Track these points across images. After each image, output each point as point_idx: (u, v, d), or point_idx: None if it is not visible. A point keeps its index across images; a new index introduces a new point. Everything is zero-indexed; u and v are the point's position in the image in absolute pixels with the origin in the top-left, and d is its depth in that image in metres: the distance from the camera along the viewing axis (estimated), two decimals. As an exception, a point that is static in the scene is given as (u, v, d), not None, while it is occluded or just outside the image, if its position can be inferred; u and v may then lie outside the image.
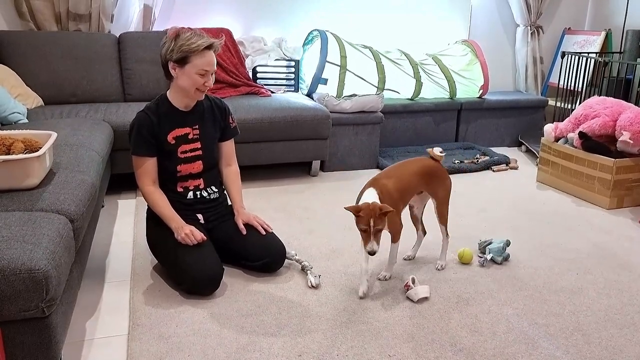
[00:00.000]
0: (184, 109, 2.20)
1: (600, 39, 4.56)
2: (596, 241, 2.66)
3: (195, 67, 2.06)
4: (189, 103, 2.20)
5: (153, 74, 3.59)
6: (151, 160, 2.15)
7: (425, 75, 4.18)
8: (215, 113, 2.29)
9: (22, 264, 1.36)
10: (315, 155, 3.52)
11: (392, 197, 2.05)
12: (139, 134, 2.13)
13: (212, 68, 2.10)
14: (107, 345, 1.78)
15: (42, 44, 3.38)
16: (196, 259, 2.03)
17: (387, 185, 2.06)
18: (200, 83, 2.09)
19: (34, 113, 3.07)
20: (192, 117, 2.22)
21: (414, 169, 2.17)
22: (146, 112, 2.16)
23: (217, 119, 2.29)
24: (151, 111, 2.16)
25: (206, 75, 2.09)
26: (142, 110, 2.17)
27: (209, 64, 2.08)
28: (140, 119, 2.15)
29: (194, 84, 2.09)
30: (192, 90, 2.11)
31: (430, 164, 2.23)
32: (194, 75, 2.07)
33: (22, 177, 1.78)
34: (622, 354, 1.77)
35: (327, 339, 1.81)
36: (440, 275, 2.27)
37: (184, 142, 2.19)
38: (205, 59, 2.06)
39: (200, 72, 2.07)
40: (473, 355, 1.74)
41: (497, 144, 4.50)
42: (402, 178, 2.12)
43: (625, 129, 3.04)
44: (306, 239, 2.60)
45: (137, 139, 2.13)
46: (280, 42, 4.01)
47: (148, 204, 2.19)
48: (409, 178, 2.14)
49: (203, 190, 2.26)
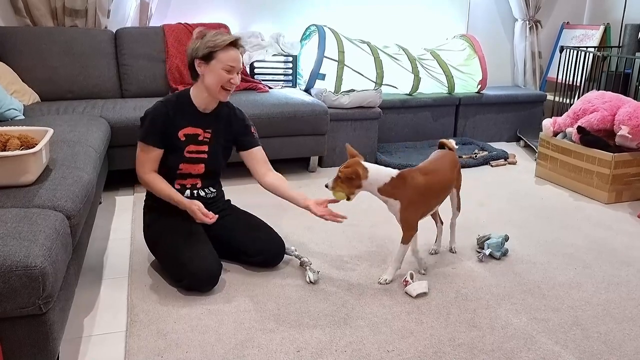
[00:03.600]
0: (203, 110, 2.18)
1: (599, 33, 4.55)
2: (595, 236, 2.66)
3: (220, 62, 2.05)
4: (210, 105, 2.18)
5: (150, 69, 3.58)
6: (157, 151, 2.13)
7: (423, 70, 4.17)
8: (232, 122, 2.27)
9: (19, 260, 1.35)
10: (313, 151, 3.51)
11: (417, 191, 2.02)
12: (153, 124, 2.11)
13: (237, 65, 2.08)
14: (105, 342, 1.78)
15: (39, 40, 3.36)
16: (194, 256, 2.03)
17: (416, 179, 2.03)
18: (226, 79, 2.07)
19: (31, 109, 3.05)
20: (208, 119, 2.20)
21: (448, 164, 2.18)
22: (164, 104, 2.14)
23: (232, 128, 2.27)
24: (170, 104, 2.14)
25: (232, 71, 2.08)
26: (161, 100, 2.15)
27: (235, 60, 2.07)
28: (157, 109, 2.12)
29: (220, 81, 2.07)
30: (218, 89, 2.09)
31: (454, 156, 2.26)
32: (219, 71, 2.06)
33: (18, 173, 1.77)
34: (621, 349, 1.77)
35: (325, 335, 1.80)
36: (439, 270, 2.27)
37: (193, 142, 2.17)
38: (230, 55, 2.06)
39: (226, 68, 2.06)
40: (472, 350, 1.74)
41: (495, 139, 4.50)
42: (439, 174, 2.12)
43: (624, 124, 3.03)
44: (304, 234, 2.60)
45: (150, 127, 2.11)
46: (277, 37, 3.99)
47: (151, 190, 2.15)
48: (446, 174, 2.15)
49: (200, 189, 2.25)
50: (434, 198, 2.11)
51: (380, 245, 2.48)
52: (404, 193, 2.01)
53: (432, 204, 2.13)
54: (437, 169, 2.13)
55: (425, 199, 2.07)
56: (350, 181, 1.99)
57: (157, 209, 2.20)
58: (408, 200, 2.02)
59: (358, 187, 2.01)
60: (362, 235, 2.59)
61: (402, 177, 2.02)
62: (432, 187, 2.07)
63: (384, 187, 2.01)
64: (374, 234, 2.61)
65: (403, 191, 2.01)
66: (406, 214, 2.04)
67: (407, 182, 2.02)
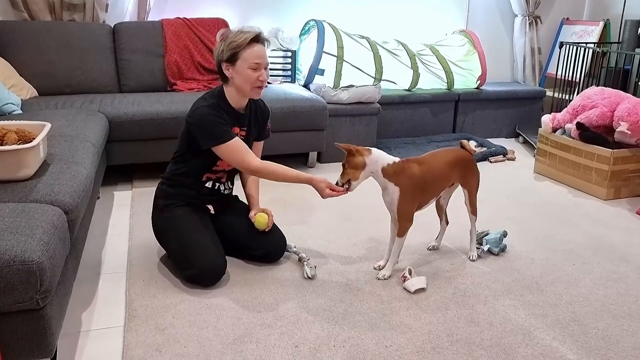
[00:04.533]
0: (239, 109, 2.17)
1: (598, 29, 4.54)
2: (593, 232, 2.66)
3: (245, 61, 2.03)
4: (243, 103, 2.17)
5: (149, 64, 3.57)
6: (239, 140, 2.09)
7: (422, 66, 4.16)
8: (258, 116, 2.28)
9: (16, 255, 1.35)
10: (312, 146, 3.50)
11: (413, 181, 2.04)
12: (219, 122, 2.04)
13: (263, 60, 2.06)
14: (103, 336, 1.77)
15: (36, 34, 3.35)
16: (204, 248, 2.05)
17: (412, 168, 2.05)
18: (254, 78, 2.05)
19: (28, 104, 3.04)
20: (244, 118, 2.20)
21: (447, 159, 2.17)
22: (211, 106, 2.07)
23: (259, 122, 2.28)
24: (214, 107, 2.08)
25: (258, 68, 2.05)
26: (204, 105, 2.07)
27: (259, 57, 2.04)
28: (210, 110, 2.05)
29: (249, 80, 2.05)
30: (249, 88, 2.07)
31: (463, 155, 2.23)
32: (246, 71, 2.03)
33: (15, 168, 1.76)
34: (619, 344, 1.77)
35: (323, 330, 1.80)
36: (437, 266, 2.27)
37: None
38: (253, 52, 2.03)
39: (252, 66, 2.03)
40: (470, 345, 1.74)
41: (494, 135, 4.49)
42: (433, 166, 2.11)
43: (623, 120, 3.03)
44: (303, 230, 2.59)
45: (220, 126, 2.04)
46: (276, 32, 3.97)
47: (269, 176, 2.09)
48: (441, 167, 2.14)
49: (222, 183, 2.26)
50: (428, 190, 2.11)
51: (378, 241, 2.48)
52: (403, 181, 2.03)
53: (427, 197, 2.12)
54: (431, 162, 2.13)
55: (420, 190, 2.07)
56: (351, 160, 2.00)
57: (174, 196, 2.20)
58: (406, 189, 2.03)
59: (363, 167, 2.01)
60: (361, 231, 2.59)
61: (401, 164, 2.05)
62: (426, 178, 2.07)
63: (388, 167, 2.02)
64: (372, 229, 2.61)
65: (402, 179, 2.03)
66: (403, 204, 2.04)
67: (404, 170, 2.04)
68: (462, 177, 2.23)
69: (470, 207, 2.29)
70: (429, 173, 2.09)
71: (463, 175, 2.22)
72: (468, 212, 2.31)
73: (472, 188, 2.27)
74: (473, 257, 2.32)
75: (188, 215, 2.16)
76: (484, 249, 2.37)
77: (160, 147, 3.12)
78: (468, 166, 2.23)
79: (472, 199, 2.28)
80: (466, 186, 2.26)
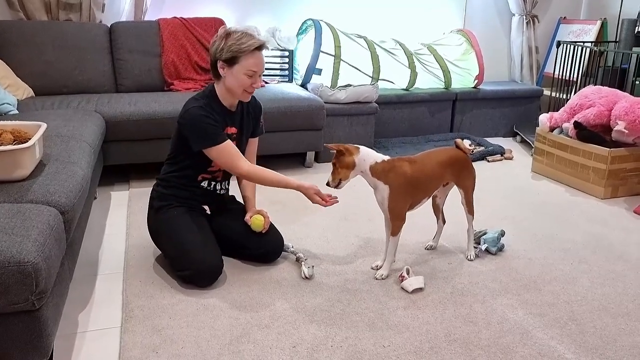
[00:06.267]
0: (230, 108, 2.16)
1: (595, 28, 4.54)
2: (591, 231, 2.66)
3: (243, 67, 2.02)
4: (234, 101, 2.16)
5: (145, 64, 3.56)
6: (230, 143, 2.09)
7: (420, 65, 4.15)
8: (250, 113, 2.27)
9: (11, 256, 1.34)
10: (309, 146, 3.50)
11: (403, 179, 2.03)
12: (209, 124, 2.03)
13: (260, 69, 2.06)
14: (99, 337, 1.77)
15: (33, 34, 3.33)
16: (201, 249, 2.05)
17: (403, 167, 2.05)
18: (248, 84, 2.05)
19: (25, 104, 3.03)
20: (236, 117, 2.19)
21: (440, 159, 2.16)
22: (202, 107, 2.06)
23: (251, 119, 2.27)
24: (205, 108, 2.07)
25: (254, 76, 2.05)
26: (195, 105, 2.06)
27: (257, 65, 2.04)
28: (201, 111, 2.04)
29: (242, 85, 2.05)
30: (240, 92, 2.08)
31: (457, 154, 2.22)
32: (241, 76, 2.03)
33: (11, 168, 1.76)
34: (616, 343, 1.77)
35: (321, 330, 1.80)
36: (435, 266, 2.27)
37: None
38: (254, 60, 2.02)
39: (248, 73, 2.03)
40: (467, 345, 1.74)
41: (492, 134, 4.49)
42: (425, 165, 2.11)
43: (621, 119, 3.03)
44: (300, 230, 2.59)
45: (212, 129, 2.04)
46: (274, 31, 3.97)
47: (258, 180, 2.11)
48: (434, 167, 2.13)
49: (218, 182, 2.25)
50: (419, 189, 2.10)
51: (376, 241, 2.48)
52: (393, 179, 2.02)
53: (419, 196, 2.12)
54: (424, 161, 2.12)
55: (411, 189, 2.07)
56: (342, 159, 2.01)
57: (169, 197, 2.19)
58: (396, 187, 2.02)
59: (353, 167, 2.02)
60: (358, 231, 2.59)
61: (391, 162, 2.04)
62: (417, 177, 2.07)
63: (376, 166, 2.02)
64: (370, 229, 2.61)
65: (392, 177, 2.02)
66: (393, 203, 2.04)
67: (395, 168, 2.03)
68: (456, 176, 2.22)
69: (467, 206, 2.29)
70: (420, 172, 2.08)
71: (457, 174, 2.22)
72: (465, 212, 2.31)
73: (467, 187, 2.26)
74: (471, 256, 2.32)
75: (183, 216, 2.15)
76: (482, 249, 2.37)
77: (157, 147, 3.11)
78: (463, 166, 2.22)
79: (468, 199, 2.28)
80: (461, 186, 2.25)
